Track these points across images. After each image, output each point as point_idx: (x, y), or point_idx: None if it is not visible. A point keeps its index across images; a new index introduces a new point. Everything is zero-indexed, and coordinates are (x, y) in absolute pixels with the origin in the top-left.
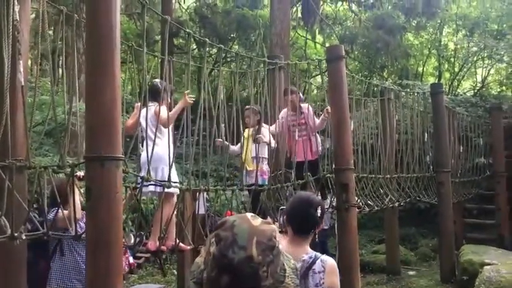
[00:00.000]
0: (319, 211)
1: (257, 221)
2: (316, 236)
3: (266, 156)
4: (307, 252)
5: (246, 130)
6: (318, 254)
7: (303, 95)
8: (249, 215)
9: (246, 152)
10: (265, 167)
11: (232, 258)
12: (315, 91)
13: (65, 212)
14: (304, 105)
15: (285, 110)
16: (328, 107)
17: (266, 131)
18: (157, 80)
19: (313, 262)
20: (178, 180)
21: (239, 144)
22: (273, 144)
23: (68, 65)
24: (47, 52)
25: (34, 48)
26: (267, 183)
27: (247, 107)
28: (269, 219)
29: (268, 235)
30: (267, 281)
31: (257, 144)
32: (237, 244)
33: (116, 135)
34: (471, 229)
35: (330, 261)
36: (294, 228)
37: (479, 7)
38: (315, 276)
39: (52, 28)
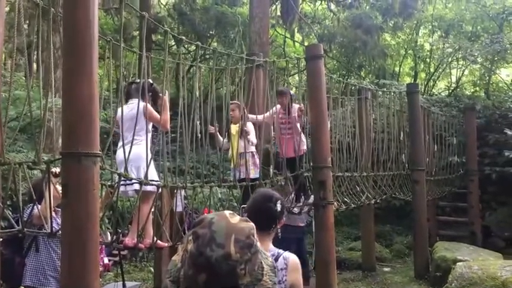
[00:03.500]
0: (279, 206)
1: (235, 218)
2: (279, 232)
3: (254, 151)
4: (270, 250)
5: (232, 126)
6: (281, 251)
7: None
8: (227, 212)
9: (234, 148)
10: (256, 160)
11: (209, 256)
12: (294, 89)
13: (40, 208)
14: (295, 106)
15: (278, 106)
16: (301, 105)
17: (251, 127)
18: (150, 80)
19: (276, 259)
20: (157, 179)
21: (226, 139)
22: (255, 141)
23: (44, 59)
24: (22, 46)
25: (8, 42)
26: (257, 176)
27: (232, 101)
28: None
29: (247, 233)
30: (245, 279)
31: (244, 140)
32: (215, 241)
33: (93, 131)
34: (444, 226)
35: (292, 258)
36: (257, 226)
37: (454, 9)
38: (277, 273)
39: (27, 22)
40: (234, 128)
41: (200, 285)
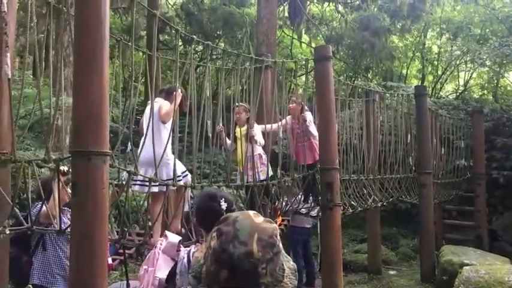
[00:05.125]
0: (223, 204)
1: (259, 218)
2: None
3: (261, 152)
4: None
5: (238, 129)
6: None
7: (288, 94)
8: (251, 212)
9: (241, 152)
10: (264, 160)
11: (232, 253)
12: (300, 90)
13: (49, 205)
14: (307, 114)
15: (289, 117)
16: (304, 115)
17: (258, 129)
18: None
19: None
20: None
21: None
22: (263, 141)
23: (53, 58)
24: (32, 45)
25: (16, 41)
26: (264, 177)
27: (237, 104)
28: None
29: (270, 233)
30: (266, 279)
31: (252, 144)
32: (238, 239)
33: (103, 130)
34: (451, 230)
35: None
36: (203, 227)
37: (463, 11)
38: (190, 276)
39: (36, 20)
40: (239, 131)
41: (221, 281)
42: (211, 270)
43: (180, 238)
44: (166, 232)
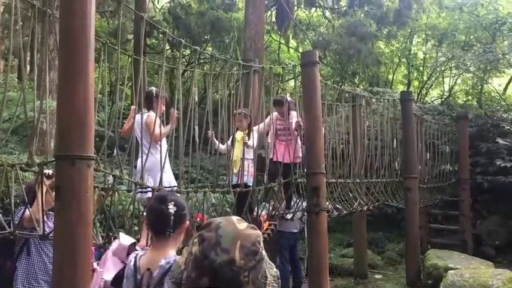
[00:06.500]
0: (172, 208)
1: (243, 224)
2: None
3: (252, 157)
4: (166, 257)
5: (238, 133)
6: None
7: None
8: (234, 218)
9: (236, 154)
10: (251, 168)
11: (214, 260)
12: (288, 95)
13: (32, 209)
14: (293, 113)
15: (275, 113)
16: (300, 119)
17: (254, 134)
18: (153, 88)
19: (170, 267)
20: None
21: (226, 144)
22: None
23: (38, 60)
24: (17, 48)
25: (1, 43)
26: (251, 183)
27: (237, 111)
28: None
29: (253, 240)
30: (248, 287)
31: (245, 147)
32: (220, 246)
33: (88, 134)
34: (436, 234)
35: None
36: (153, 231)
37: (448, 18)
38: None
39: (21, 23)
40: (240, 135)
41: None
42: (191, 277)
43: (133, 241)
44: (120, 234)
